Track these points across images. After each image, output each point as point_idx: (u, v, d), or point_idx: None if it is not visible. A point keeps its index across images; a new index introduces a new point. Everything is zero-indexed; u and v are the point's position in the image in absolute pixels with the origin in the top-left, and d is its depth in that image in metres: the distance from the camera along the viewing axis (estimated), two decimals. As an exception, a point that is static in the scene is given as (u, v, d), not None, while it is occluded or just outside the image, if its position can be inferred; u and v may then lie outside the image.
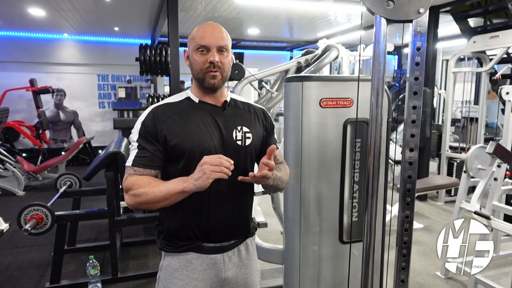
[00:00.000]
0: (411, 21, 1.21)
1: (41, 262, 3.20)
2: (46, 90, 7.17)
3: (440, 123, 6.76)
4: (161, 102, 1.26)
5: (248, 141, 1.26)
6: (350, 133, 1.72)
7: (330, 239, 1.78)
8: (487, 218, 2.48)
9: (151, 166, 1.19)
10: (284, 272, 1.89)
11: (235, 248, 1.30)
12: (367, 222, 1.31)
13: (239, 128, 1.25)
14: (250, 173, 1.13)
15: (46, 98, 7.37)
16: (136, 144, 1.19)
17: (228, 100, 1.29)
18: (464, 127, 5.60)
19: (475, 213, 2.56)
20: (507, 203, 2.80)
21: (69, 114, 7.19)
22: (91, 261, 2.67)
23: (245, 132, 1.26)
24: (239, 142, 1.24)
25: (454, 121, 6.11)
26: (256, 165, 1.37)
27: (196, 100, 1.26)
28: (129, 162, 1.19)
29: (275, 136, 1.42)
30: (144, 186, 1.13)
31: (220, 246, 1.26)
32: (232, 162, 1.09)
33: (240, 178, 1.13)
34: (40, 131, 6.94)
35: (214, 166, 1.06)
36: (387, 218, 3.19)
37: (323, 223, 1.77)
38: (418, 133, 1.26)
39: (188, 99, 1.27)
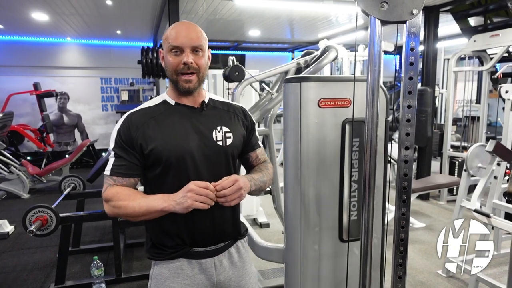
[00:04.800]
0: (405, 22, 1.23)
1: (46, 263, 3.24)
2: (49, 94, 7.25)
3: (442, 122, 6.76)
4: (137, 108, 1.23)
5: (229, 141, 1.24)
6: (349, 133, 1.73)
7: (330, 237, 1.80)
8: (487, 216, 2.49)
9: (129, 174, 1.16)
10: (285, 271, 1.90)
11: (226, 251, 1.28)
12: (364, 220, 1.33)
13: (218, 128, 1.23)
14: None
15: (49, 102, 7.45)
16: (113, 152, 1.17)
17: (207, 100, 1.27)
18: (466, 126, 5.61)
19: (475, 211, 2.57)
20: (508, 201, 2.81)
21: (73, 117, 7.27)
22: (95, 262, 2.71)
23: (225, 132, 1.24)
24: (219, 143, 1.22)
25: (456, 120, 6.11)
26: (242, 166, 1.38)
27: (172, 102, 1.23)
28: (107, 171, 1.16)
29: (257, 135, 1.42)
30: (124, 199, 1.11)
31: (210, 250, 1.23)
32: (215, 193, 1.09)
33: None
34: (44, 135, 7.02)
35: (199, 196, 1.06)
36: (389, 217, 3.20)
37: (323, 222, 1.79)
38: (413, 131, 1.28)
39: (164, 102, 1.24)
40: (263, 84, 2.78)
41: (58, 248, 2.80)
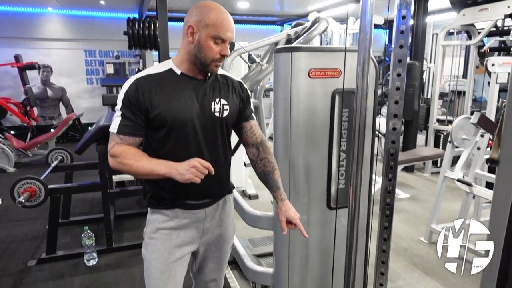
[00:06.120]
0: (397, -10, 1.24)
1: (36, 235, 3.25)
2: (32, 66, 7.03)
3: (428, 96, 6.84)
4: (144, 73, 1.31)
5: (225, 113, 1.35)
6: (338, 103, 1.75)
7: (318, 205, 1.85)
8: (469, 185, 2.59)
9: (135, 134, 1.28)
10: (274, 238, 1.96)
11: (215, 204, 1.42)
12: (352, 187, 1.38)
13: (217, 100, 1.34)
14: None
15: (32, 75, 7.24)
16: (120, 112, 1.27)
17: (209, 73, 1.36)
18: (452, 101, 5.69)
19: (458, 180, 2.66)
20: (489, 171, 2.91)
21: (57, 91, 7.10)
22: (86, 232, 2.73)
23: (223, 105, 1.35)
24: (217, 114, 1.33)
25: (442, 95, 6.19)
26: (233, 133, 1.46)
27: (178, 72, 1.31)
28: (113, 129, 1.27)
29: (252, 107, 1.50)
30: (130, 158, 1.25)
31: (202, 203, 1.38)
32: (213, 171, 1.20)
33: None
34: (28, 108, 6.85)
35: (199, 173, 1.17)
36: (375, 188, 3.29)
37: (312, 191, 1.83)
38: (402, 99, 1.31)
39: (170, 71, 1.32)
40: (253, 56, 2.76)
41: (48, 218, 2.80)
